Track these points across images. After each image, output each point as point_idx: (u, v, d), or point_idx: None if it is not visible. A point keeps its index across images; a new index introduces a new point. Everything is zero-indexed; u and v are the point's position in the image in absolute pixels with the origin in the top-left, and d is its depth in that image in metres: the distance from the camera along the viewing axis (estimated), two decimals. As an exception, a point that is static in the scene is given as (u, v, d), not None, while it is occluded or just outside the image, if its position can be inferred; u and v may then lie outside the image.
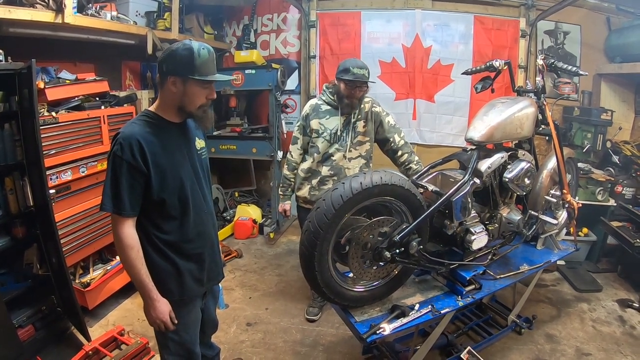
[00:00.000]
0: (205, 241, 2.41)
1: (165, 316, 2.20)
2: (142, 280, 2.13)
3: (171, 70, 2.11)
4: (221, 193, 6.82)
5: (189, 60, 2.07)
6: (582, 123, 5.74)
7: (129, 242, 2.08)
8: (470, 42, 6.14)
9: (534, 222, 3.33)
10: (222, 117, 6.73)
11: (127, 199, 2.06)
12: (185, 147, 2.31)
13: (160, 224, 2.21)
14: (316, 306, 4.25)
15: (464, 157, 3.08)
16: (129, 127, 2.12)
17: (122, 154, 2.02)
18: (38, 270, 3.64)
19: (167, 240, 2.23)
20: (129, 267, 2.12)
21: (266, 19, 6.89)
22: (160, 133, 2.17)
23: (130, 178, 2.05)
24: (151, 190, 2.12)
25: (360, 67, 3.54)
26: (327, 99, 3.80)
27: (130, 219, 2.10)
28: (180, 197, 2.23)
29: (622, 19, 5.85)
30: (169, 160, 2.18)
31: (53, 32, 3.87)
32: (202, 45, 2.13)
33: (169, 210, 2.20)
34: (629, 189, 5.28)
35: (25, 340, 3.39)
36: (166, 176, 2.16)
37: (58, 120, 3.58)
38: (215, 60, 2.23)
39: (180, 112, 2.23)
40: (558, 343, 3.84)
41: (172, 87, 2.13)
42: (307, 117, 3.85)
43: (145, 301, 2.19)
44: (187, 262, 2.31)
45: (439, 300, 2.91)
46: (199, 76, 2.10)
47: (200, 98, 2.18)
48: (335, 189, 2.45)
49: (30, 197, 3.47)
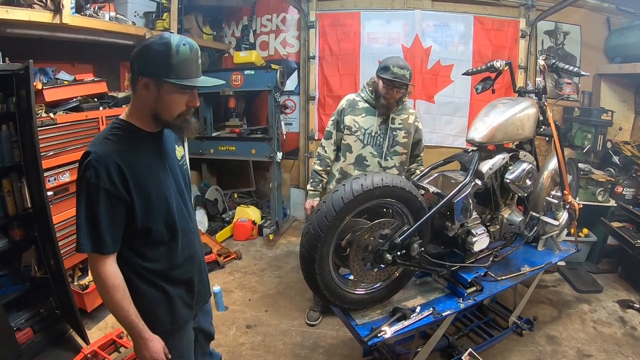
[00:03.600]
0: (194, 264, 2.15)
1: (160, 355, 1.94)
2: (132, 322, 1.85)
3: (143, 70, 1.76)
4: (220, 194, 6.81)
5: (165, 58, 1.71)
6: (582, 123, 5.75)
7: (114, 283, 1.78)
8: (470, 42, 6.14)
9: (535, 223, 3.33)
10: (221, 118, 6.76)
11: (108, 234, 1.75)
12: (166, 159, 2.00)
13: (145, 252, 1.93)
14: (317, 310, 4.19)
15: (465, 158, 3.07)
16: (102, 146, 1.77)
17: (97, 180, 1.69)
18: (36, 273, 3.62)
19: (154, 269, 1.95)
20: (115, 310, 1.82)
21: (265, 19, 6.88)
22: (139, 148, 1.86)
23: (110, 208, 1.74)
24: (135, 219, 1.82)
25: (401, 67, 3.34)
26: (366, 96, 3.63)
27: (112, 256, 1.80)
28: (167, 222, 1.94)
29: (622, 19, 5.86)
30: (153, 181, 1.88)
31: (51, 33, 3.85)
32: (183, 39, 1.76)
33: (155, 237, 1.92)
34: (629, 189, 5.28)
35: (24, 343, 3.38)
36: (151, 200, 1.86)
37: (56, 122, 3.56)
38: (201, 60, 1.88)
39: (155, 121, 1.87)
40: (559, 344, 3.83)
41: (144, 91, 1.78)
42: (342, 112, 3.69)
43: (137, 341, 1.91)
44: (176, 288, 2.05)
45: (440, 302, 2.89)
46: (175, 79, 1.74)
47: (179, 105, 1.84)
48: (336, 191, 2.43)
49: (28, 199, 3.45)
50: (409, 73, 3.38)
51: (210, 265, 5.18)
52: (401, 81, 3.35)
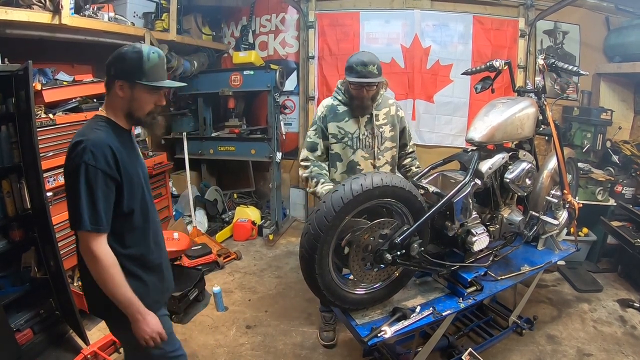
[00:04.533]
0: (162, 251, 2.33)
1: (160, 327, 2.08)
2: (130, 298, 1.97)
3: (119, 74, 2.01)
4: (220, 195, 6.81)
5: (138, 64, 1.98)
6: (581, 123, 5.75)
7: (111, 261, 1.92)
8: (470, 42, 6.14)
9: (535, 222, 3.33)
10: (220, 119, 6.76)
11: (104, 212, 1.90)
12: (137, 153, 2.25)
13: (124, 237, 2.08)
14: (330, 330, 3.89)
15: (464, 158, 3.08)
16: (94, 133, 1.96)
17: (95, 162, 1.87)
18: (36, 274, 3.62)
19: (131, 255, 2.10)
20: (114, 287, 1.94)
21: (264, 19, 6.88)
22: (121, 139, 2.06)
23: (106, 189, 1.91)
24: (122, 201, 2.01)
25: (364, 64, 3.03)
26: (343, 98, 3.35)
27: (105, 234, 1.94)
28: (142, 206, 2.14)
29: (621, 18, 5.87)
30: (133, 168, 2.08)
31: (50, 34, 3.85)
32: (152, 49, 2.05)
33: (134, 220, 2.10)
34: (628, 188, 5.30)
35: (24, 344, 3.38)
36: (133, 183, 2.06)
37: (55, 122, 3.57)
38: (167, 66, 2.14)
39: (128, 119, 2.11)
40: (559, 344, 3.83)
41: (119, 92, 2.02)
42: (324, 118, 3.35)
43: (136, 318, 2.02)
44: (150, 275, 2.20)
45: (440, 302, 2.89)
46: (147, 81, 2.00)
47: (149, 104, 2.09)
48: (336, 191, 2.43)
49: (28, 200, 3.46)
50: (375, 67, 3.07)
51: (210, 265, 5.20)
52: (367, 80, 3.07)
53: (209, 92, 6.19)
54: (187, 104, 6.45)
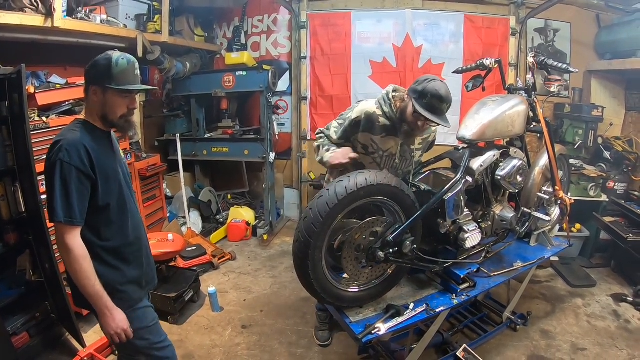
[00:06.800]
0: (142, 246, 2.42)
1: (126, 324, 2.17)
2: (98, 292, 2.08)
3: (92, 80, 2.14)
4: (214, 195, 6.81)
5: (107, 70, 2.08)
6: (573, 120, 5.79)
7: (82, 253, 2.04)
8: (461, 41, 6.17)
9: (527, 219, 3.35)
10: (213, 120, 6.76)
11: (77, 206, 2.02)
12: (116, 153, 2.36)
13: (101, 230, 2.19)
14: (325, 329, 3.90)
15: (455, 156, 3.10)
16: (71, 134, 2.09)
17: (70, 159, 1.99)
18: (31, 277, 3.62)
19: (109, 247, 2.21)
20: (83, 279, 2.05)
21: (257, 20, 6.89)
22: (97, 139, 2.17)
23: (80, 184, 2.03)
24: (97, 196, 2.12)
25: (440, 99, 2.70)
26: (389, 112, 2.95)
27: (79, 227, 2.06)
28: (119, 201, 2.25)
29: (612, 15, 5.88)
30: (110, 165, 2.21)
31: (43, 37, 3.85)
32: (122, 55, 2.15)
33: (111, 214, 2.21)
34: (620, 184, 5.35)
35: (20, 347, 3.37)
36: (109, 181, 2.17)
37: (49, 125, 3.56)
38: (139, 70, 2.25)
39: (103, 121, 2.21)
40: (553, 339, 3.86)
41: (93, 97, 2.15)
42: (357, 124, 3.00)
43: (103, 313, 2.12)
44: (129, 267, 2.30)
45: (433, 298, 2.92)
46: (115, 85, 2.10)
47: (121, 108, 2.19)
48: (321, 197, 2.45)
49: (22, 203, 3.46)
50: (448, 106, 2.77)
51: (205, 266, 5.20)
52: (436, 120, 2.71)
53: (202, 93, 6.18)
54: (180, 106, 6.43)
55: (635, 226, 4.80)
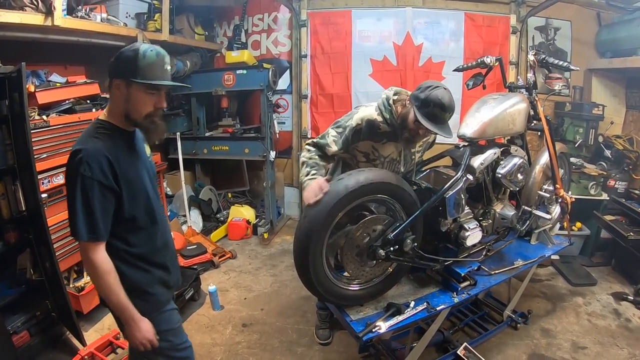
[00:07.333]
0: (169, 250, 2.37)
1: (151, 334, 2.11)
2: (124, 304, 2.01)
3: (115, 72, 1.97)
4: (214, 194, 6.81)
5: (133, 61, 1.92)
6: (573, 118, 5.78)
7: (107, 268, 1.95)
8: (461, 39, 6.17)
9: (528, 217, 3.35)
10: (214, 118, 6.75)
11: (102, 223, 1.92)
12: (140, 154, 2.22)
13: (129, 238, 2.11)
14: (326, 327, 3.90)
15: (456, 154, 3.10)
16: (91, 143, 1.95)
17: (91, 173, 1.87)
18: (32, 276, 3.62)
19: (137, 253, 2.14)
20: (109, 293, 1.99)
21: (257, 18, 6.88)
22: (120, 144, 2.05)
23: (103, 199, 1.92)
24: (122, 208, 2.02)
25: (443, 109, 2.61)
26: (390, 118, 2.85)
27: (103, 243, 1.97)
28: (147, 210, 2.16)
29: (613, 14, 5.87)
30: (135, 173, 2.09)
31: (43, 35, 3.84)
32: (151, 47, 1.98)
33: (139, 223, 2.12)
34: (621, 182, 5.35)
35: (20, 346, 3.37)
36: (135, 191, 2.07)
37: (49, 124, 3.55)
38: (170, 67, 2.06)
39: (127, 120, 2.05)
40: (554, 337, 3.86)
41: (116, 91, 1.99)
42: (358, 132, 2.89)
43: (129, 324, 2.06)
44: (157, 269, 2.25)
45: (434, 297, 2.92)
46: (141, 79, 1.93)
47: (147, 106, 2.01)
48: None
49: (22, 202, 3.45)
50: (450, 115, 2.70)
51: (206, 265, 5.20)
52: (437, 131, 2.69)
53: (202, 91, 6.17)
54: (180, 104, 6.43)
55: (635, 225, 4.80)
